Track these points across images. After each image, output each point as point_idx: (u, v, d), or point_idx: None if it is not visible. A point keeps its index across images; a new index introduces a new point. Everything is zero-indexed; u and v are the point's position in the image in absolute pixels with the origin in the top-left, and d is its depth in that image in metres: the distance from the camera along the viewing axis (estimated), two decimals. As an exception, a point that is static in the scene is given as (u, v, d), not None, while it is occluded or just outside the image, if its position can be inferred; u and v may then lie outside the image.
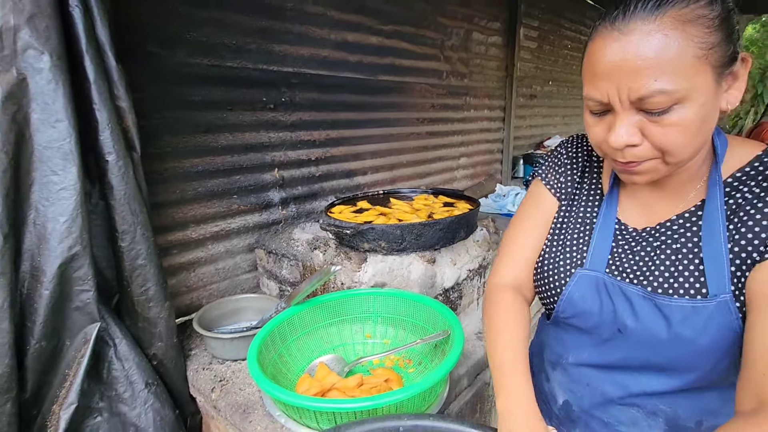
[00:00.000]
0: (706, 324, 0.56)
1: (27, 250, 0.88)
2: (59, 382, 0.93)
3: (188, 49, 1.45)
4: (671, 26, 0.51)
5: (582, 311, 0.68)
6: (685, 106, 0.52)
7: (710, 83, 0.53)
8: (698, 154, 0.60)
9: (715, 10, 0.52)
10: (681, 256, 0.61)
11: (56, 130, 0.89)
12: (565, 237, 0.73)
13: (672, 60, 0.51)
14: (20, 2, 0.84)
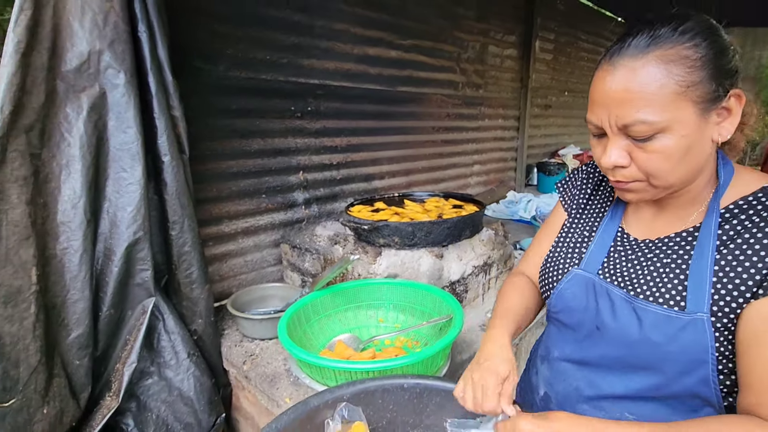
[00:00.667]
0: (676, 334, 0.60)
1: (102, 233, 1.06)
2: (122, 345, 1.11)
3: (228, 63, 1.64)
4: (655, 64, 0.56)
5: (569, 307, 0.75)
6: (667, 135, 0.57)
7: (692, 117, 0.57)
8: (698, 180, 0.65)
9: (700, 51, 0.57)
10: (668, 270, 0.65)
11: (127, 135, 1.08)
12: (569, 241, 0.83)
13: (654, 94, 0.56)
14: (104, 30, 1.03)
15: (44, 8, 0.94)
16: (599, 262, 0.74)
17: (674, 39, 0.57)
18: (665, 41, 0.57)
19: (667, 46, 0.57)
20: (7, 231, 0.84)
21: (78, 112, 1.00)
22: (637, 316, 0.64)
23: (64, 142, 0.98)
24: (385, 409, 0.83)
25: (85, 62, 1.01)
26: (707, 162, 0.64)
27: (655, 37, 0.57)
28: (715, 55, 0.57)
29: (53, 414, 0.89)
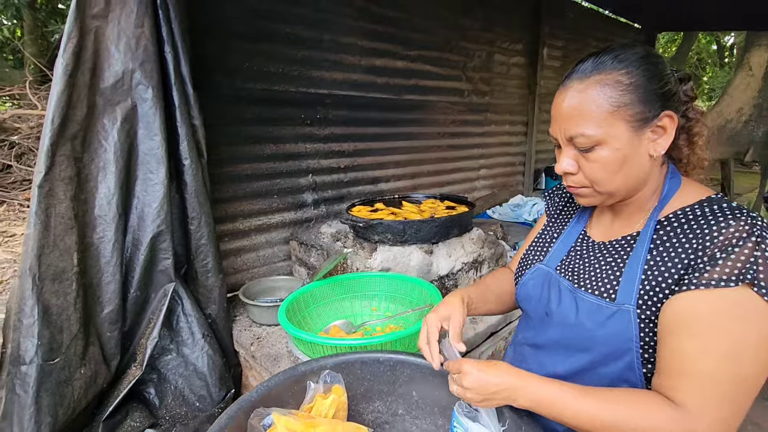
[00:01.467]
0: (605, 321, 0.69)
1: (131, 226, 1.24)
2: (146, 323, 1.28)
3: (244, 76, 1.81)
4: (592, 87, 0.66)
5: (528, 295, 0.85)
6: (604, 148, 0.67)
7: (625, 133, 0.66)
8: (644, 190, 0.73)
9: (631, 78, 0.65)
10: (608, 267, 0.73)
11: (153, 142, 1.26)
12: (541, 240, 0.94)
13: (590, 112, 0.66)
14: (136, 52, 1.21)
15: (87, 36, 1.12)
16: (559, 259, 0.85)
17: (611, 66, 0.66)
18: (604, 68, 0.67)
19: (606, 72, 0.66)
20: (55, 221, 1.01)
21: (113, 122, 1.18)
22: (576, 304, 0.74)
23: (101, 148, 1.16)
24: (363, 378, 0.96)
25: (120, 80, 1.19)
26: (649, 174, 0.72)
27: (597, 64, 0.68)
28: (647, 80, 0.66)
29: (89, 375, 1.06)
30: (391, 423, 0.96)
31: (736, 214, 0.63)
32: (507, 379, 0.68)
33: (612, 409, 0.61)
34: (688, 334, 0.60)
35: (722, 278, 0.59)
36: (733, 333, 0.58)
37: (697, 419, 0.57)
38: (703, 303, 0.60)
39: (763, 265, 0.57)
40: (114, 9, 1.17)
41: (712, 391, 0.57)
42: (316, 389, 0.88)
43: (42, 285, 0.97)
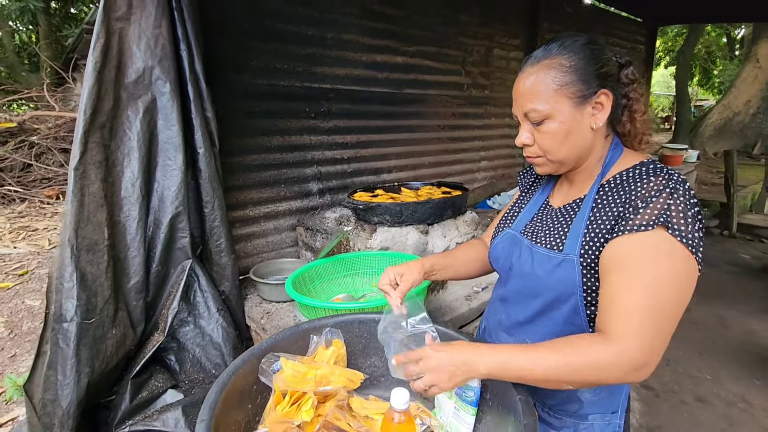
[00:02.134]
0: (553, 269, 0.81)
1: (152, 207, 1.37)
2: (166, 296, 1.42)
3: (252, 72, 1.94)
4: (541, 70, 0.78)
5: (498, 256, 0.99)
6: (552, 121, 0.78)
7: (567, 108, 0.77)
8: (590, 159, 0.84)
9: (572, 59, 0.77)
10: (560, 226, 0.85)
11: (171, 132, 1.39)
12: (512, 211, 1.07)
13: (539, 90, 0.78)
14: (155, 51, 1.34)
15: (113, 36, 1.26)
16: (524, 224, 0.97)
17: (557, 52, 0.79)
18: (551, 54, 0.79)
19: (552, 57, 0.79)
20: (89, 200, 1.15)
21: (136, 113, 1.31)
22: (532, 257, 0.87)
23: (125, 137, 1.29)
24: (360, 336, 1.08)
25: (141, 76, 1.33)
26: (593, 145, 0.83)
27: (546, 51, 0.80)
28: (586, 63, 0.78)
29: (119, 336, 1.19)
30: (386, 376, 1.07)
31: (657, 172, 0.75)
32: (463, 355, 0.74)
33: (552, 356, 0.70)
34: (618, 272, 0.71)
35: (642, 224, 0.70)
36: (652, 268, 0.68)
37: (627, 344, 0.67)
38: (628, 245, 0.71)
39: (675, 211, 0.69)
40: (135, 12, 1.30)
41: (639, 319, 0.67)
42: (318, 342, 1.00)
43: (79, 254, 1.10)
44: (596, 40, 0.82)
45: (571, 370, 0.69)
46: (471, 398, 0.88)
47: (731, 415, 2.13)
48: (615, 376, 0.68)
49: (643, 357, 0.67)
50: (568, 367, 0.69)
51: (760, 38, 9.03)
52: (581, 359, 0.69)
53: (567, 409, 0.92)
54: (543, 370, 0.70)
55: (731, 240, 4.82)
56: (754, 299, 3.35)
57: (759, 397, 2.23)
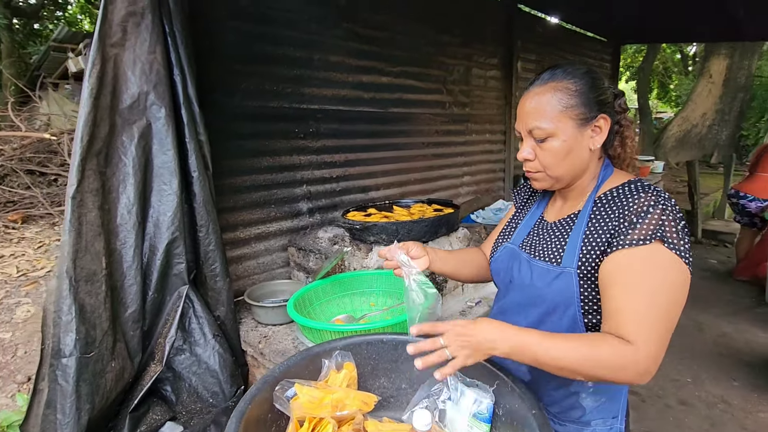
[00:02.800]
0: (552, 281, 0.86)
1: (147, 233, 1.34)
2: (162, 324, 1.38)
3: (242, 95, 1.95)
4: (548, 91, 0.84)
5: (498, 269, 1.04)
6: (555, 139, 0.84)
7: (570, 128, 0.84)
8: (583, 177, 0.90)
9: (577, 84, 0.84)
10: (557, 240, 0.90)
11: (167, 156, 1.37)
12: (510, 225, 1.12)
13: (545, 110, 0.84)
14: (150, 76, 1.34)
15: (108, 63, 1.25)
16: (522, 238, 1.02)
17: (562, 77, 0.85)
18: (557, 78, 0.85)
19: (558, 80, 0.85)
20: (86, 228, 1.12)
21: (131, 139, 1.30)
22: (531, 270, 0.91)
23: (121, 162, 1.27)
24: (369, 357, 1.08)
25: (136, 101, 1.31)
26: (589, 164, 0.89)
27: (552, 75, 0.87)
28: (588, 89, 0.85)
29: (117, 369, 1.15)
30: (396, 396, 1.08)
31: (645, 189, 0.82)
32: (490, 331, 0.77)
33: (578, 347, 0.73)
34: (621, 284, 0.76)
35: (640, 238, 0.76)
36: (653, 279, 0.74)
37: (641, 349, 0.71)
38: (628, 258, 0.76)
39: (668, 226, 0.76)
40: (130, 38, 1.30)
41: (644, 324, 0.72)
42: (329, 366, 1.00)
43: (77, 285, 1.07)
44: (595, 70, 0.89)
45: (595, 365, 0.72)
46: (484, 415, 0.90)
47: (713, 416, 2.22)
48: (628, 376, 0.72)
49: (650, 364, 0.72)
50: (595, 361, 0.72)
51: (711, 55, 9.69)
52: (607, 358, 0.72)
53: (570, 416, 0.95)
54: (572, 360, 0.73)
55: (698, 245, 5.07)
56: (722, 302, 3.53)
57: (737, 397, 2.34)
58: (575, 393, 0.93)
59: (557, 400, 0.95)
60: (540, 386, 0.95)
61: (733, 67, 9.44)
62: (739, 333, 3.03)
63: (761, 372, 2.56)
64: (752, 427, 2.14)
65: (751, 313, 3.34)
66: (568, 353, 0.73)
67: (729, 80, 9.51)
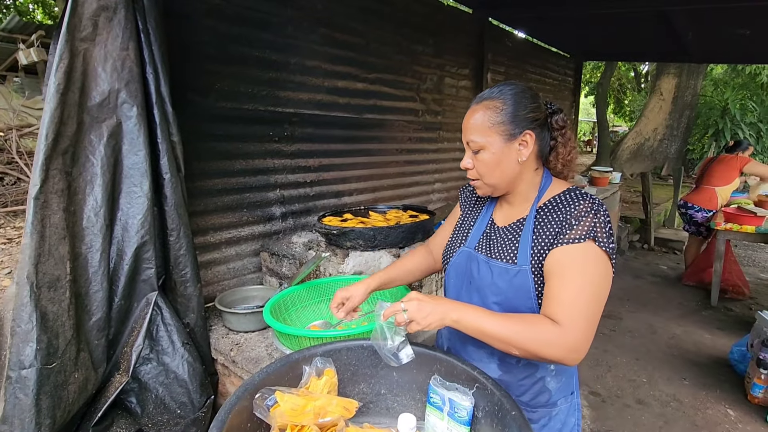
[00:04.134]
0: (511, 279, 0.95)
1: (115, 237, 1.28)
2: (129, 332, 1.32)
3: (216, 96, 1.90)
4: (482, 108, 0.94)
5: (457, 272, 1.10)
6: (486, 151, 0.94)
7: (498, 143, 0.93)
8: (521, 186, 0.99)
9: (505, 104, 0.93)
10: (509, 242, 0.99)
11: (137, 157, 1.32)
12: (461, 229, 1.17)
13: (478, 125, 0.93)
14: (122, 73, 1.29)
15: (77, 58, 1.19)
16: (476, 241, 1.08)
17: (494, 96, 0.95)
18: (492, 96, 0.95)
19: (492, 99, 0.94)
20: (50, 231, 1.05)
21: (100, 138, 1.24)
22: (490, 270, 0.99)
23: (88, 162, 1.21)
24: (349, 363, 1.08)
25: (106, 98, 1.26)
26: (520, 175, 0.98)
27: (490, 93, 0.96)
28: (514, 107, 0.93)
29: (81, 379, 1.09)
30: (375, 402, 1.09)
31: (583, 197, 0.93)
32: (439, 306, 0.89)
33: (515, 323, 0.85)
34: (558, 275, 0.88)
35: (575, 237, 0.88)
36: (583, 271, 0.86)
37: (568, 329, 0.83)
38: (565, 254, 0.88)
39: (599, 228, 0.88)
40: (101, 33, 1.25)
41: (573, 309, 0.84)
42: (310, 372, 0.99)
43: (39, 292, 1.00)
44: (527, 89, 0.98)
45: (526, 338, 0.84)
46: (463, 418, 0.92)
47: (666, 414, 2.36)
48: (555, 354, 0.83)
49: (579, 343, 0.83)
50: (526, 335, 0.84)
51: (662, 74, 10.36)
52: (537, 333, 0.84)
53: (539, 401, 1.05)
54: (505, 332, 0.84)
55: (651, 252, 5.38)
56: (673, 306, 3.76)
57: (688, 395, 2.50)
58: (541, 378, 1.03)
59: (527, 389, 1.04)
60: (510, 379, 1.04)
61: (681, 85, 10.14)
62: (687, 335, 3.24)
63: (708, 371, 2.75)
64: (701, 423, 2.29)
65: (698, 315, 3.57)
66: (505, 327, 0.85)
67: (677, 98, 10.20)
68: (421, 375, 1.04)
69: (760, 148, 9.89)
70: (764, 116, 10.01)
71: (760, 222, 3.51)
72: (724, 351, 2.95)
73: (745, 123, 9.85)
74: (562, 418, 1.06)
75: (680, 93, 10.15)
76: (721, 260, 3.61)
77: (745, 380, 2.56)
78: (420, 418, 1.03)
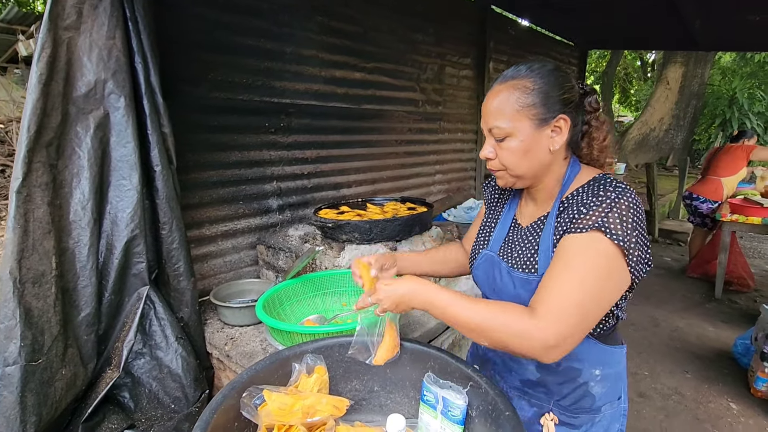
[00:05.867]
0: (533, 290, 0.82)
1: (104, 231, 1.26)
2: (121, 327, 1.30)
3: (209, 86, 1.86)
4: (507, 89, 0.81)
5: (479, 276, 1.05)
6: (512, 139, 0.83)
7: (528, 128, 0.82)
8: (548, 178, 0.89)
9: (536, 84, 0.81)
10: (530, 246, 0.90)
11: (126, 149, 1.29)
12: (484, 230, 1.11)
13: (503, 109, 0.82)
14: (108, 63, 1.25)
15: (60, 47, 1.15)
16: (499, 244, 1.01)
17: (524, 74, 0.82)
18: (519, 75, 0.83)
19: (519, 78, 0.82)
20: (34, 226, 1.03)
21: (86, 130, 1.21)
22: (512, 281, 0.91)
23: (75, 155, 1.18)
24: (341, 360, 1.06)
25: (93, 89, 1.23)
26: (551, 165, 0.88)
27: (515, 71, 0.84)
28: (549, 88, 0.82)
29: (69, 376, 1.07)
30: (368, 399, 1.06)
31: (606, 186, 0.82)
32: (408, 287, 0.84)
33: (486, 310, 0.78)
34: (554, 263, 0.79)
35: (582, 226, 0.78)
36: (581, 263, 0.76)
37: (546, 324, 0.73)
38: (569, 242, 0.79)
39: (612, 217, 0.76)
40: (86, 21, 1.21)
41: (559, 302, 0.74)
42: (300, 370, 0.97)
43: (23, 288, 0.98)
44: (562, 69, 0.86)
45: (496, 327, 0.76)
46: (457, 417, 0.90)
47: (667, 407, 2.34)
48: (527, 348, 0.74)
49: (556, 340, 0.73)
50: (495, 323, 0.76)
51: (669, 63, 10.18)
52: (508, 322, 0.75)
53: (582, 406, 0.95)
54: (476, 321, 0.77)
55: (655, 244, 5.32)
56: (676, 299, 3.72)
57: (690, 388, 2.47)
58: (584, 383, 0.94)
59: (567, 394, 0.95)
60: (548, 383, 0.96)
61: (688, 75, 9.95)
62: (690, 328, 3.20)
63: (711, 364, 2.72)
64: (703, 417, 2.26)
65: (701, 308, 3.53)
66: (474, 312, 0.77)
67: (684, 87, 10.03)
68: (415, 372, 1.02)
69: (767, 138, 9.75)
70: (773, 105, 9.85)
71: (767, 213, 3.45)
72: (727, 344, 2.92)
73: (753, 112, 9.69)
74: (605, 424, 0.97)
75: (687, 82, 9.97)
76: (726, 252, 3.56)
77: (749, 373, 2.53)
78: (413, 416, 1.01)
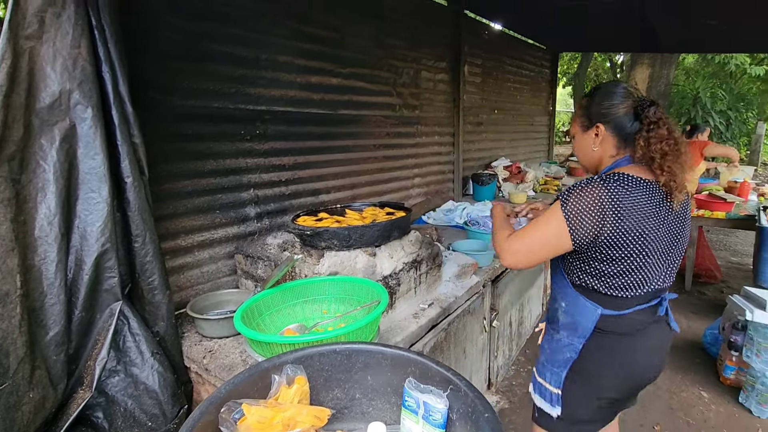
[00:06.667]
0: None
1: (73, 246, 1.22)
2: (93, 345, 1.26)
3: (181, 94, 1.83)
4: (576, 105, 1.27)
5: None
6: (573, 139, 1.32)
7: (578, 132, 1.29)
8: (599, 168, 1.26)
9: (585, 101, 1.26)
10: None
11: (95, 161, 1.25)
12: None
13: (572, 118, 1.35)
14: (73, 73, 1.21)
15: (21, 57, 1.11)
16: None
17: (585, 95, 1.27)
18: (584, 95, 1.27)
19: (583, 97, 1.28)
20: (-4, 244, 0.99)
21: (51, 142, 1.17)
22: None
23: (39, 168, 1.14)
24: (322, 369, 1.05)
25: (57, 100, 1.19)
26: (600, 159, 1.25)
27: (586, 93, 1.28)
28: (591, 104, 1.23)
29: (37, 399, 1.03)
30: (350, 407, 1.06)
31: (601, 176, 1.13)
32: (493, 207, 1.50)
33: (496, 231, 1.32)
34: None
35: (559, 196, 1.14)
36: (543, 219, 1.15)
37: (510, 241, 1.20)
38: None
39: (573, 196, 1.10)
40: (49, 30, 1.17)
41: (520, 235, 1.18)
42: (280, 381, 0.96)
43: (-15, 309, 0.94)
44: (607, 87, 1.22)
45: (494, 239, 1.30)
46: (438, 421, 0.91)
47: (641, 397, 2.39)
48: (496, 248, 1.26)
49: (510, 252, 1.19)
50: (494, 237, 1.30)
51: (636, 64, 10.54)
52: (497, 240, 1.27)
53: (553, 321, 1.32)
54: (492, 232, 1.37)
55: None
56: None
57: (664, 379, 2.56)
58: (557, 308, 1.28)
59: (549, 310, 1.36)
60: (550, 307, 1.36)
61: (654, 75, 10.32)
62: (664, 320, 3.31)
63: (683, 354, 2.82)
64: (677, 406, 2.34)
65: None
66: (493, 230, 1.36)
67: (651, 88, 10.39)
68: (396, 377, 1.02)
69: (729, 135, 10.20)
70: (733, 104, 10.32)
71: (730, 207, 3.61)
72: (697, 334, 3.03)
73: (715, 111, 10.13)
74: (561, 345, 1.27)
75: (654, 83, 10.34)
76: (694, 246, 3.71)
77: (718, 362, 2.63)
78: (396, 422, 1.01)
